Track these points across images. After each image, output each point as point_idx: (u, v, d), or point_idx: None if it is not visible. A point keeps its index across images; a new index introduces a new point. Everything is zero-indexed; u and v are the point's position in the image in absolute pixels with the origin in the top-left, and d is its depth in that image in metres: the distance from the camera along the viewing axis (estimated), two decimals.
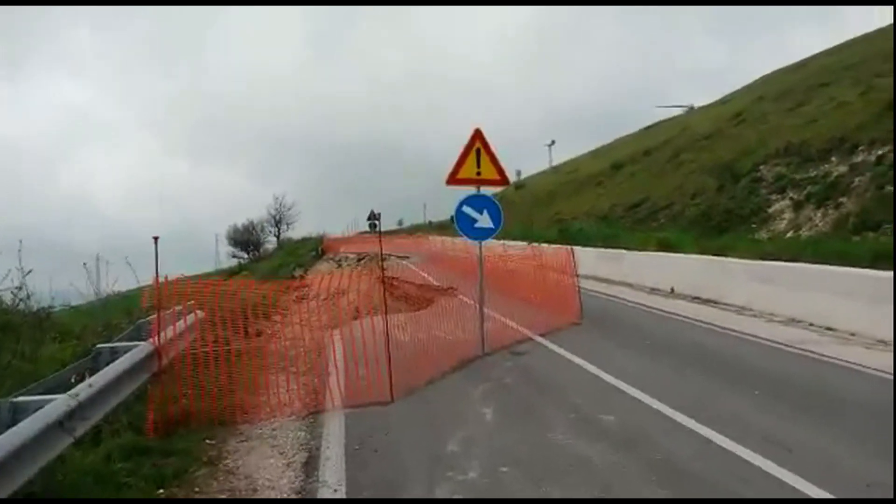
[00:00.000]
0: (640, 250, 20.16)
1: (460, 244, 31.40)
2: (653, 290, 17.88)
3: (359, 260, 41.92)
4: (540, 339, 10.86)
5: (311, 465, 5.72)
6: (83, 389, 4.87)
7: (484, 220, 9.69)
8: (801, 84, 32.26)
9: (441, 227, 66.33)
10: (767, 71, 47.19)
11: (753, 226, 19.85)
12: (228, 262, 67.80)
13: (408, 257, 37.26)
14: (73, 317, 10.45)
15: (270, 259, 52.42)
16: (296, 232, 65.74)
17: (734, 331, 11.14)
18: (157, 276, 6.57)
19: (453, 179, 9.69)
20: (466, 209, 9.72)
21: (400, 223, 74.02)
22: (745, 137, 29.37)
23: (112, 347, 6.32)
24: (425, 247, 41.16)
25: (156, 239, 6.71)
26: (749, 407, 6.77)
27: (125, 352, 6.03)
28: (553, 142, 67.14)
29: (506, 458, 5.57)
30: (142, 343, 6.40)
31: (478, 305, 9.87)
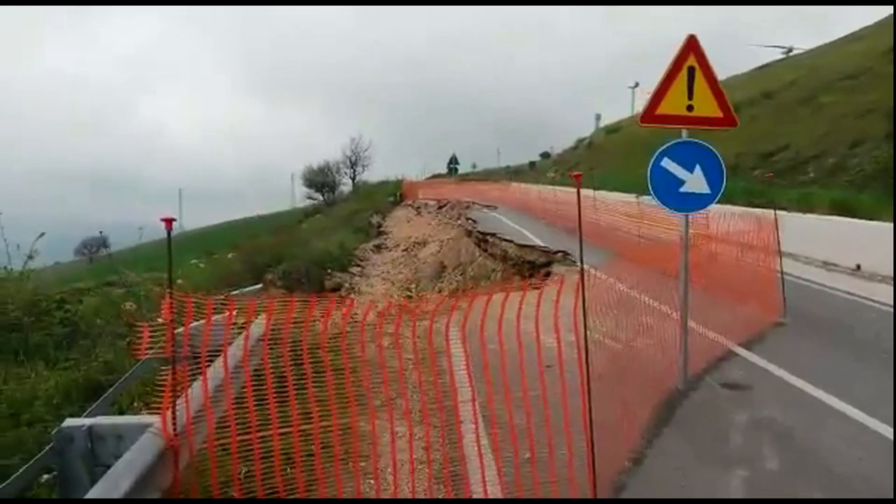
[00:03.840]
0: (801, 213, 16.21)
1: (562, 196, 27.88)
2: (827, 266, 14.15)
3: (439, 207, 38.94)
4: (745, 352, 7.54)
5: None
6: None
7: (695, 182, 6.26)
8: None
9: (517, 173, 62.46)
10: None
11: None
12: (303, 203, 66.31)
13: (495, 207, 33.91)
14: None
15: (346, 202, 49.98)
16: (370, 175, 62.96)
17: None
18: (170, 290, 3.45)
19: (651, 116, 6.28)
20: (668, 164, 6.30)
21: (474, 166, 70.02)
22: None
23: (90, 428, 3.37)
24: (514, 195, 37.65)
25: (168, 222, 3.55)
26: None
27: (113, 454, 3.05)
28: (637, 84, 60.39)
29: None
30: (145, 428, 3.40)
31: (679, 315, 6.51)
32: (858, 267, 13.64)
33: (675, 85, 6.18)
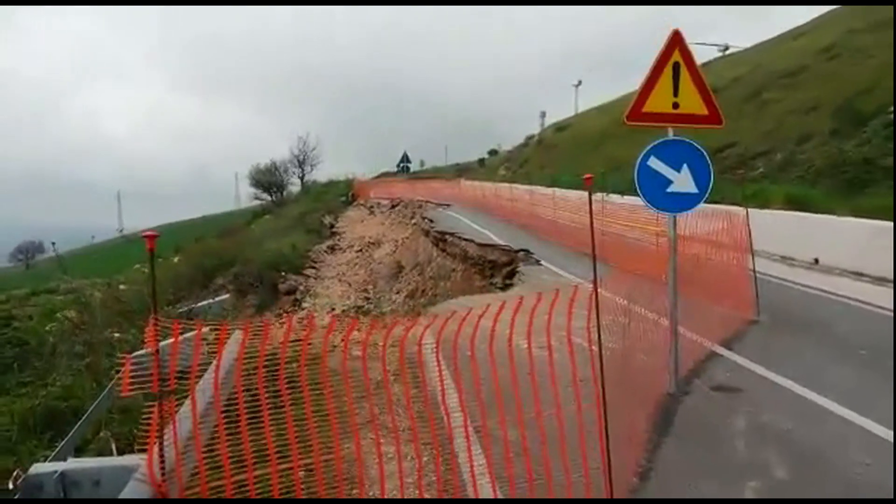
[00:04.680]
0: (757, 208, 16.44)
1: (518, 193, 27.83)
2: (786, 260, 14.36)
3: (392, 206, 38.53)
4: (726, 352, 7.48)
5: None
6: None
7: (682, 182, 6.11)
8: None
9: (466, 170, 62.34)
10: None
11: None
12: (249, 203, 64.91)
13: (449, 205, 33.66)
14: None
15: (296, 203, 49.04)
16: (319, 174, 61.97)
17: None
18: (155, 316, 3.03)
19: (637, 114, 6.10)
20: (655, 163, 6.13)
21: (422, 164, 69.65)
22: (849, 74, 25.18)
23: (61, 474, 2.97)
24: (467, 193, 37.50)
25: (151, 239, 3.13)
26: None
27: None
28: (580, 82, 61.39)
29: None
30: (125, 471, 3.01)
31: (669, 319, 6.35)
32: (816, 261, 13.88)
33: (661, 82, 6.03)
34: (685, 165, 6.10)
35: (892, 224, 12.62)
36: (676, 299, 6.29)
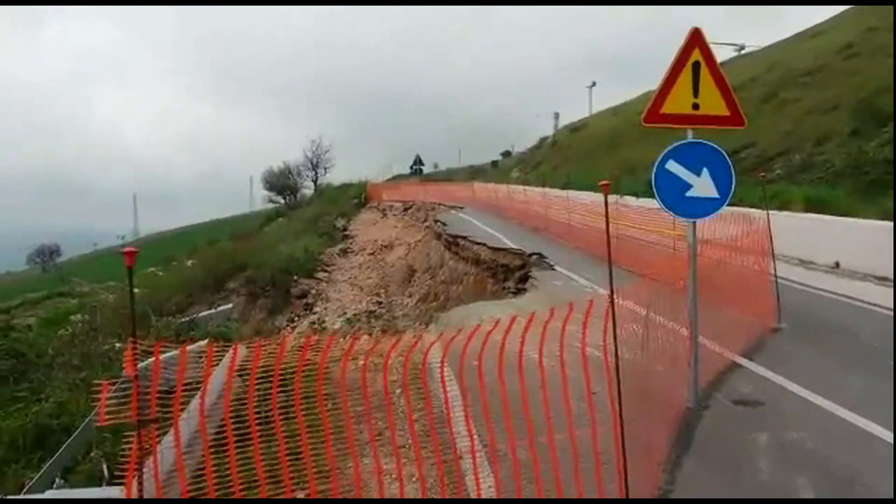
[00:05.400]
0: (776, 210, 16.08)
1: (531, 196, 27.46)
2: (805, 264, 13.99)
3: (405, 209, 38.34)
4: (748, 363, 7.18)
5: None
6: None
7: (702, 186, 5.84)
8: None
9: (479, 173, 62.00)
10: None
11: None
12: (263, 206, 65.03)
13: (461, 207, 33.40)
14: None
15: (309, 206, 48.99)
16: (332, 177, 61.94)
17: None
18: (133, 339, 2.78)
19: (655, 116, 5.83)
20: (673, 167, 5.86)
21: (436, 167, 69.45)
22: (869, 73, 24.72)
23: None
24: (480, 195, 37.19)
25: (130, 255, 2.90)
26: None
27: None
28: (594, 83, 60.55)
29: None
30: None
31: (689, 329, 6.07)
32: (837, 264, 13.52)
33: (680, 82, 5.76)
34: (705, 169, 5.82)
35: (878, 223, 12.31)
36: (696, 309, 6.00)
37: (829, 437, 5.35)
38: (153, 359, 3.15)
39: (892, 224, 12.81)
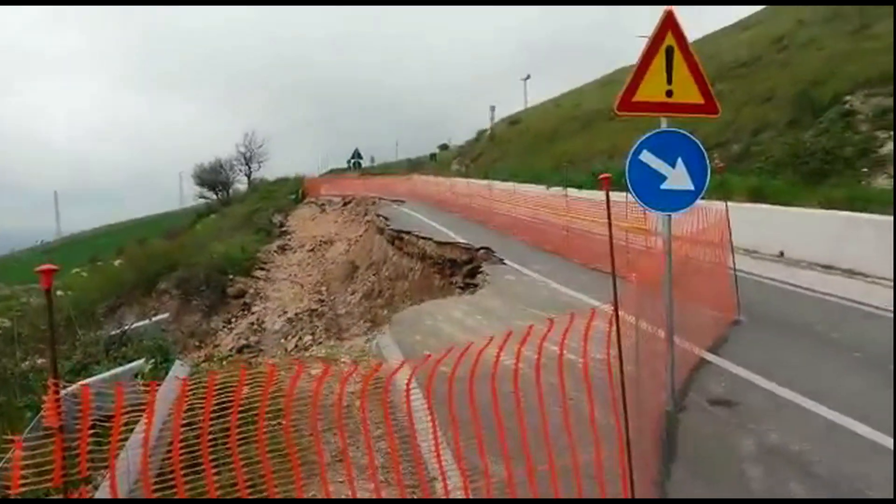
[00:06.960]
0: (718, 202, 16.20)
1: (476, 188, 27.14)
2: (751, 254, 14.09)
3: (344, 204, 37.54)
4: (715, 359, 7.00)
5: None
6: None
7: (677, 178, 5.54)
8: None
9: (417, 165, 61.40)
10: None
11: (865, 170, 15.91)
12: (194, 202, 62.89)
13: (403, 201, 32.86)
14: None
15: (243, 202, 47.53)
16: (267, 172, 60.30)
17: None
18: (55, 383, 2.19)
19: (627, 104, 5.51)
20: (647, 157, 5.55)
21: (373, 160, 68.55)
22: (803, 64, 25.37)
23: None
24: (420, 188, 36.72)
25: (48, 274, 2.32)
26: None
27: None
28: (528, 76, 60.53)
29: None
30: None
31: (667, 331, 5.77)
32: (782, 254, 13.67)
33: (653, 68, 5.44)
34: (680, 159, 5.52)
35: (860, 215, 12.46)
36: (672, 307, 5.71)
37: (806, 433, 5.14)
38: (80, 383, 2.61)
39: (836, 213, 13.03)
